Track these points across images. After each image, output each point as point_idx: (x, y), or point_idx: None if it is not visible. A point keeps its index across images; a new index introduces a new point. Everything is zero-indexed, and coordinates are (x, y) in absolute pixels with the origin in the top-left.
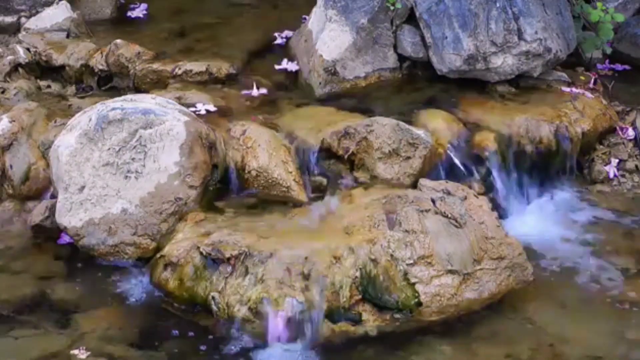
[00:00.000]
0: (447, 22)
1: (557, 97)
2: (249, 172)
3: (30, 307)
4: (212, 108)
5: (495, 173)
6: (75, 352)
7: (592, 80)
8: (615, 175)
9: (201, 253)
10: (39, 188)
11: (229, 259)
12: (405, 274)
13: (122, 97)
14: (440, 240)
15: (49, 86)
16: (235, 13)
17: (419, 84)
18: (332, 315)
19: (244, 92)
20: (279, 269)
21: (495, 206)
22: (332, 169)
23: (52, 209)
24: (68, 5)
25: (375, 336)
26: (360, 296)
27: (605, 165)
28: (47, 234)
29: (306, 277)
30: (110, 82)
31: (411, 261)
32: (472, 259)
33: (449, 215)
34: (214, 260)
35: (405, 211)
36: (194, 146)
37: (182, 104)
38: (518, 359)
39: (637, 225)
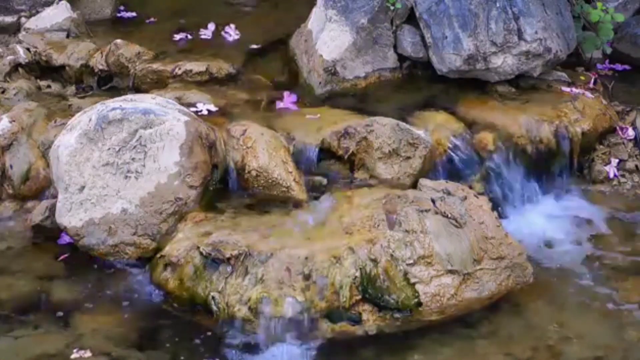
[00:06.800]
0: (447, 22)
1: (557, 97)
2: (249, 172)
3: (30, 307)
4: (212, 108)
5: (495, 173)
6: (78, 355)
7: (592, 80)
8: (615, 175)
9: (201, 253)
10: (39, 188)
11: (229, 259)
12: (405, 274)
13: (122, 97)
14: (440, 240)
15: (49, 86)
16: (235, 13)
17: (419, 84)
18: (332, 315)
19: None
20: (279, 269)
21: (495, 206)
22: (332, 169)
23: (52, 209)
24: (68, 5)
25: (375, 336)
26: (360, 296)
27: (605, 165)
28: (47, 234)
29: (306, 277)
30: (110, 82)
31: (411, 261)
32: (472, 259)
33: (449, 215)
34: (214, 260)
35: (405, 211)
36: (194, 146)
37: (182, 104)
38: (518, 359)
39: (637, 225)
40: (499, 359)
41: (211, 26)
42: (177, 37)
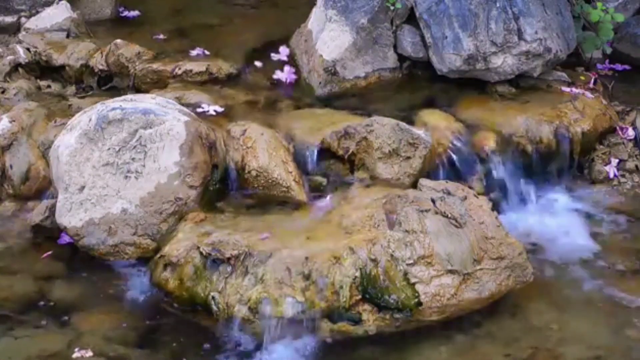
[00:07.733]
0: (447, 22)
1: (557, 97)
2: (249, 172)
3: (30, 307)
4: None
5: (495, 173)
6: (79, 354)
7: (592, 80)
8: (615, 175)
9: (201, 253)
10: (39, 188)
11: (229, 259)
12: (405, 274)
13: (122, 97)
14: (440, 240)
15: (49, 86)
16: (235, 13)
17: (419, 84)
18: (332, 315)
19: None
20: (279, 269)
21: (495, 206)
22: (332, 169)
23: (52, 209)
24: (68, 5)
25: (375, 336)
26: (360, 296)
27: (605, 165)
28: (47, 234)
29: (306, 277)
30: (110, 82)
31: (411, 261)
32: (472, 259)
33: (449, 215)
34: (214, 260)
35: (405, 211)
36: (194, 146)
37: (182, 104)
38: (518, 359)
39: (637, 225)
40: (499, 359)
41: (284, 50)
42: (194, 52)
